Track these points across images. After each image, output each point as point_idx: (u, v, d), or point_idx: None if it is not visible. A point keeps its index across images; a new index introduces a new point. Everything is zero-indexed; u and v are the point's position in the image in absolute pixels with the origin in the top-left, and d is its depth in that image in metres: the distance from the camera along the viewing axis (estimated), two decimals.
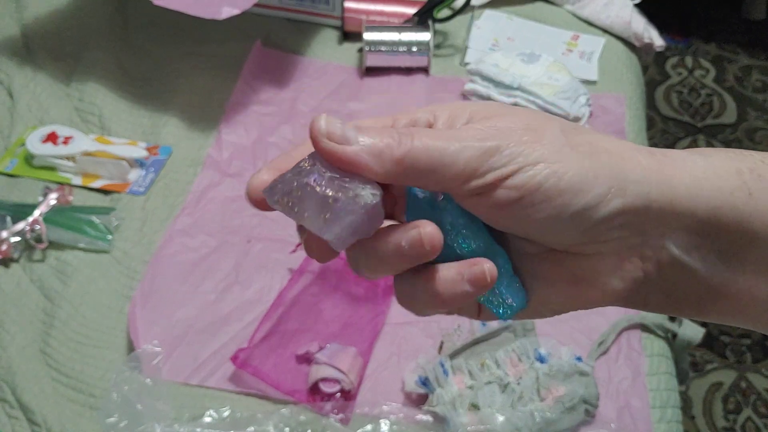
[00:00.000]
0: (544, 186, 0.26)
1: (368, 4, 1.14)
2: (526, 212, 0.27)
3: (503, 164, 0.27)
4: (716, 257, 0.28)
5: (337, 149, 0.26)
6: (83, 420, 0.70)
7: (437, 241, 0.27)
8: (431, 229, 0.27)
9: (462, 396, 0.68)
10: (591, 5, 1.22)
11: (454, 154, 0.26)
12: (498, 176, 0.27)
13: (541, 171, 0.27)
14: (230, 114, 1.01)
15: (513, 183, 0.27)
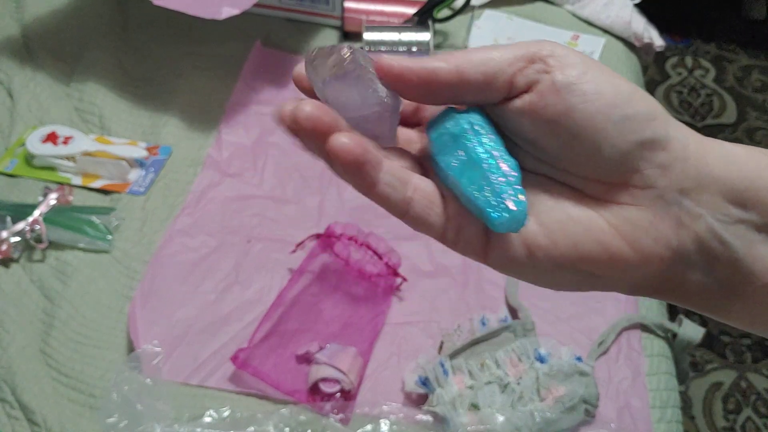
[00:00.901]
0: (598, 79, 0.27)
1: (368, 4, 1.14)
2: (574, 103, 0.26)
3: (549, 55, 0.27)
4: (756, 236, 0.27)
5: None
6: (83, 420, 0.70)
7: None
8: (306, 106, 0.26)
9: (462, 396, 0.68)
10: (591, 5, 1.22)
11: (500, 57, 0.27)
12: (545, 67, 0.27)
13: (594, 67, 0.27)
14: (230, 114, 1.01)
15: (563, 75, 0.27)
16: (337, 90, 0.28)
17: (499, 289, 0.81)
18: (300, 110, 0.26)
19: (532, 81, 0.27)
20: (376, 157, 0.27)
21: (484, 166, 0.28)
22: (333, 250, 0.81)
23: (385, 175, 0.27)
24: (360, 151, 0.26)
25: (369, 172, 0.27)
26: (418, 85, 0.28)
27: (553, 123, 0.27)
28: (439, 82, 0.28)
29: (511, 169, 0.28)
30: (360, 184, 0.27)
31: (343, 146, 0.26)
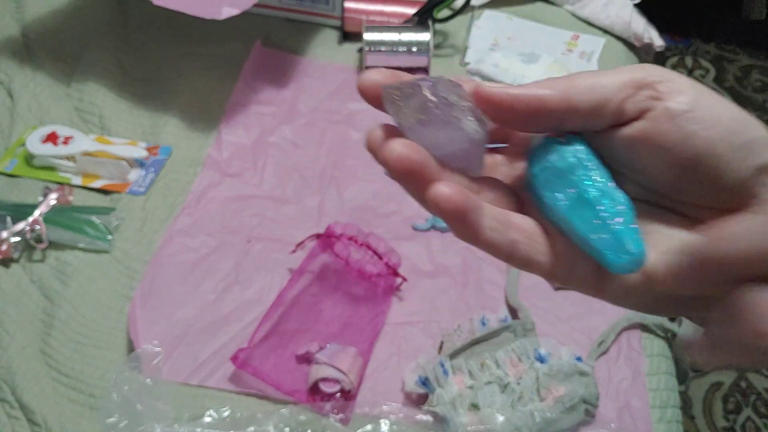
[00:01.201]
0: (714, 106, 0.27)
1: (368, 4, 1.14)
2: (693, 130, 0.26)
3: (659, 81, 0.27)
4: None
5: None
6: (83, 420, 0.70)
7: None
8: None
9: (462, 396, 0.68)
10: (591, 5, 1.22)
11: (608, 83, 0.27)
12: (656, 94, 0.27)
13: (706, 93, 0.27)
14: (230, 114, 1.01)
15: (676, 102, 0.26)
16: (423, 134, 0.28)
17: (499, 289, 0.81)
18: (390, 151, 0.26)
19: (644, 108, 0.27)
20: (477, 203, 0.27)
21: (596, 205, 0.27)
22: (333, 250, 0.81)
23: (487, 220, 0.27)
24: (461, 199, 0.26)
25: (472, 219, 0.26)
26: (525, 114, 0.28)
27: (668, 151, 0.27)
28: (546, 110, 0.28)
29: (624, 206, 0.27)
30: (463, 232, 0.27)
31: (444, 196, 0.26)
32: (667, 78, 0.27)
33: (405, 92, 0.28)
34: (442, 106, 0.27)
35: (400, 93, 0.28)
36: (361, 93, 0.29)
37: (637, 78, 0.27)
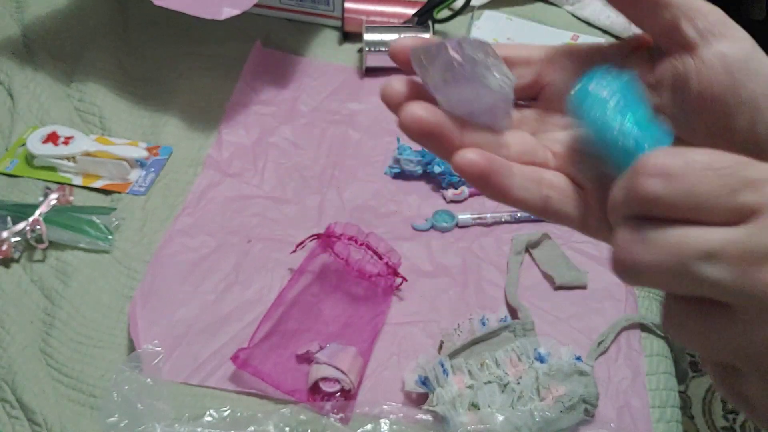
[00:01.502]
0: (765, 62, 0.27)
1: (368, 5, 1.14)
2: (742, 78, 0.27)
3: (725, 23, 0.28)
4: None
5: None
6: (84, 420, 0.70)
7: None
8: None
9: (462, 395, 0.68)
10: (591, 5, 1.22)
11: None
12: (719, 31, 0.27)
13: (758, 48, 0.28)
14: (230, 114, 1.01)
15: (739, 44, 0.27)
16: (450, 93, 0.28)
17: (499, 289, 0.81)
18: (410, 114, 0.27)
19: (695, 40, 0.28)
20: (503, 165, 0.27)
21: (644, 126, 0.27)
22: (333, 250, 0.81)
23: (517, 180, 0.28)
24: (486, 164, 0.26)
25: (500, 181, 0.27)
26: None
27: (715, 94, 0.27)
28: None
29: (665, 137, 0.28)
30: (493, 194, 0.27)
31: (468, 162, 0.26)
32: (729, 23, 0.28)
33: (431, 53, 0.29)
34: (467, 64, 0.28)
35: (427, 54, 0.29)
36: (392, 56, 0.30)
37: (704, 7, 0.28)
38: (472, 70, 0.28)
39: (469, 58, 0.28)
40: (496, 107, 0.29)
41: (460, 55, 0.28)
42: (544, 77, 0.32)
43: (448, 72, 0.28)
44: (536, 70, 0.32)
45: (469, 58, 0.28)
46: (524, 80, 0.32)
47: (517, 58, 0.32)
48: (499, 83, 0.28)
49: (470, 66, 0.28)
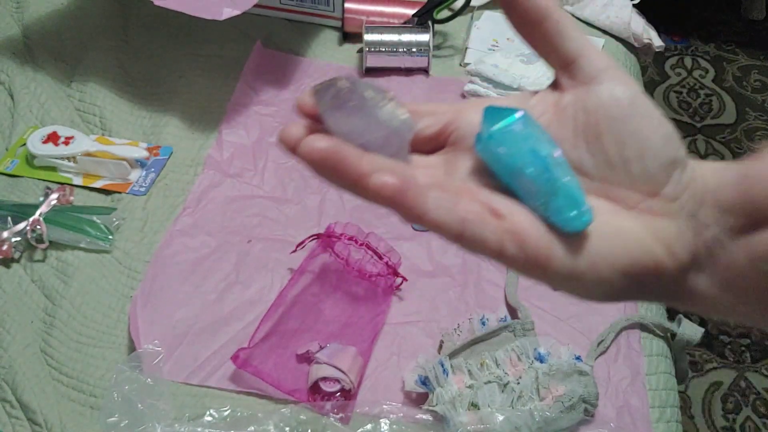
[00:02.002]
0: (649, 102, 0.30)
1: (368, 5, 1.14)
2: (630, 113, 0.30)
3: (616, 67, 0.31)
4: (736, 234, 0.30)
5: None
6: (84, 420, 0.70)
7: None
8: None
9: (462, 395, 0.68)
10: (590, 6, 1.22)
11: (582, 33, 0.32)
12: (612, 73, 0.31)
13: (637, 86, 0.31)
14: (231, 114, 1.01)
15: (628, 85, 0.30)
16: (339, 122, 0.28)
17: (499, 289, 0.81)
18: (308, 146, 0.27)
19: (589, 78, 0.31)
20: (418, 184, 0.27)
21: (546, 168, 0.28)
22: (333, 250, 0.81)
23: (432, 200, 0.27)
24: (401, 184, 0.26)
25: (415, 200, 0.27)
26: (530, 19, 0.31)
27: (608, 127, 0.30)
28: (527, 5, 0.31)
29: (569, 171, 0.29)
30: (409, 215, 0.27)
31: (382, 182, 0.26)
32: (618, 67, 0.31)
33: (324, 85, 0.29)
34: (356, 97, 0.28)
35: (321, 87, 0.29)
36: (298, 111, 0.30)
37: (599, 51, 0.31)
38: (361, 102, 0.28)
39: (360, 93, 0.28)
40: (389, 142, 0.28)
41: (351, 88, 0.28)
42: (450, 126, 0.33)
43: (337, 100, 0.28)
44: (443, 120, 0.33)
45: (359, 93, 0.28)
46: (431, 129, 0.33)
47: (423, 110, 0.33)
48: (388, 116, 0.28)
49: (359, 99, 0.28)
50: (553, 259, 0.28)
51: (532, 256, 0.28)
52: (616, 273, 0.29)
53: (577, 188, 0.28)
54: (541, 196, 0.28)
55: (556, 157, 0.29)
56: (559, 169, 0.29)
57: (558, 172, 0.28)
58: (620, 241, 0.29)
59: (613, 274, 0.29)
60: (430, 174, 0.31)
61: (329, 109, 0.28)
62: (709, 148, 1.96)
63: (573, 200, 0.28)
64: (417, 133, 0.32)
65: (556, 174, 0.28)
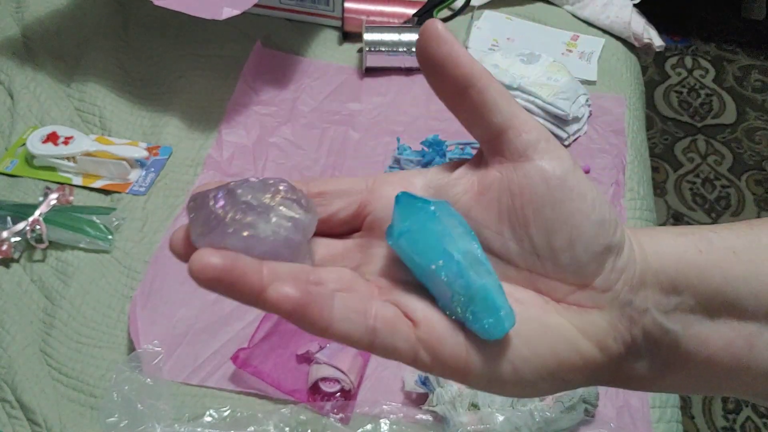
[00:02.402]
0: (583, 181, 0.27)
1: (368, 5, 1.14)
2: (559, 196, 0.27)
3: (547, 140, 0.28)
4: (691, 317, 0.29)
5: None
6: (84, 420, 0.70)
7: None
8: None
9: (462, 395, 0.68)
10: (591, 5, 1.22)
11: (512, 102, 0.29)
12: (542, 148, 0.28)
13: (577, 168, 0.28)
14: (230, 114, 1.01)
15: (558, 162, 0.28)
16: (217, 245, 0.25)
17: None
18: (197, 263, 0.24)
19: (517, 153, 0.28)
20: (322, 295, 0.25)
21: (464, 268, 0.26)
22: None
23: (339, 311, 0.25)
24: (300, 296, 0.24)
25: (319, 313, 0.24)
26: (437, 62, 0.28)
27: (534, 212, 0.27)
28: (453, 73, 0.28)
29: (490, 270, 0.27)
30: (312, 329, 0.24)
31: (282, 295, 0.24)
32: (552, 141, 0.28)
33: (197, 202, 0.26)
34: (231, 216, 0.25)
35: (194, 203, 0.26)
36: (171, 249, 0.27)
37: (530, 122, 0.28)
38: (238, 220, 0.25)
39: (240, 204, 0.26)
40: (280, 253, 0.26)
41: (225, 204, 0.26)
42: (366, 207, 0.30)
43: (207, 225, 0.25)
44: (357, 201, 0.30)
45: (239, 204, 0.26)
46: (345, 213, 0.30)
47: (335, 191, 0.30)
48: (273, 229, 0.25)
49: (233, 218, 0.25)
50: (471, 367, 0.27)
51: (448, 366, 0.27)
52: (541, 376, 0.27)
53: (494, 291, 0.26)
54: (456, 302, 0.26)
55: (473, 253, 0.27)
56: (475, 270, 0.26)
57: (473, 275, 0.26)
58: (545, 341, 0.27)
59: (537, 378, 0.27)
60: (336, 275, 0.27)
61: (201, 236, 0.25)
62: (709, 148, 1.96)
63: (490, 306, 0.26)
64: (331, 217, 0.30)
65: (471, 278, 0.26)
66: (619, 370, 0.29)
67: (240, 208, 0.26)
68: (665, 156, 1.93)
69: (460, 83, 0.28)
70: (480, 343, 0.26)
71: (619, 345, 0.28)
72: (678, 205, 1.82)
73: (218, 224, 0.25)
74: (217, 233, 0.25)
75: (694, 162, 1.92)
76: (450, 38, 0.27)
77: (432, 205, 0.27)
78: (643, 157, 1.03)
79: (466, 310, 0.26)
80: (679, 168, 1.90)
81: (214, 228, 0.25)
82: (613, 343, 0.28)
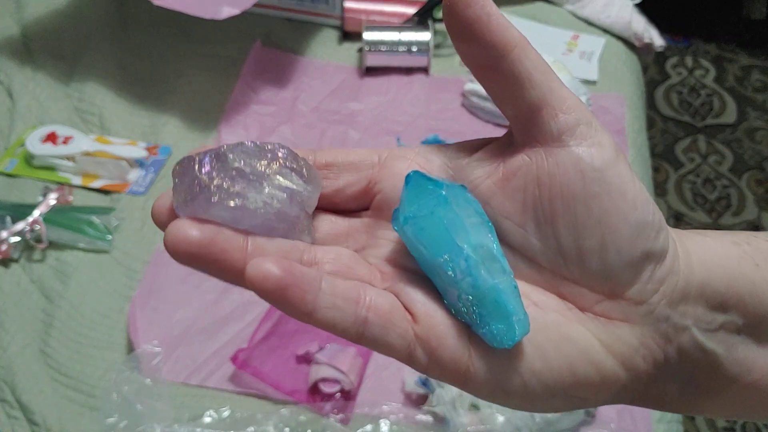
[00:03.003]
0: (625, 175, 0.24)
1: (368, 4, 1.14)
2: (595, 191, 0.23)
3: (588, 124, 0.24)
4: (736, 338, 0.26)
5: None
6: (83, 420, 0.70)
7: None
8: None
9: (462, 396, 0.68)
10: (591, 5, 1.22)
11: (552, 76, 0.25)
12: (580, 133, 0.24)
13: (622, 158, 0.24)
14: (230, 114, 1.01)
15: (598, 150, 0.24)
16: (200, 215, 0.23)
17: None
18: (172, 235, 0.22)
19: (552, 136, 0.24)
20: (308, 276, 0.22)
21: (475, 266, 0.23)
22: None
23: (326, 297, 0.22)
24: (283, 275, 0.21)
25: (302, 297, 0.22)
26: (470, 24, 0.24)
27: (564, 205, 0.24)
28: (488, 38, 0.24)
29: (506, 270, 0.24)
30: (293, 312, 0.22)
31: (262, 273, 0.21)
32: (595, 125, 0.24)
33: (183, 166, 0.24)
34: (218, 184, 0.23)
35: (178, 170, 0.24)
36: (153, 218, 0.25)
37: (570, 100, 0.24)
38: (228, 186, 0.23)
39: (229, 171, 0.23)
40: (272, 227, 0.23)
41: (213, 168, 0.23)
42: (376, 184, 0.27)
43: (191, 192, 0.23)
44: (366, 177, 0.27)
45: (228, 171, 0.23)
46: (353, 188, 0.27)
47: (344, 163, 0.27)
48: (264, 200, 0.23)
49: (228, 181, 0.23)
50: (473, 375, 0.24)
51: (447, 369, 0.24)
52: (553, 393, 0.24)
53: (507, 293, 0.23)
54: (463, 301, 0.23)
55: (487, 247, 0.24)
56: (487, 267, 0.23)
57: (483, 273, 0.23)
58: (562, 354, 0.24)
59: (548, 395, 0.24)
60: (334, 255, 0.25)
61: (183, 205, 0.23)
62: (710, 147, 1.96)
63: (501, 310, 0.23)
64: (338, 192, 0.27)
65: (481, 277, 0.23)
66: (646, 391, 0.26)
67: (229, 175, 0.23)
68: (666, 156, 1.93)
69: (490, 52, 0.24)
70: (486, 349, 0.24)
71: (648, 365, 0.25)
72: (678, 205, 1.81)
73: (201, 192, 0.23)
74: (200, 202, 0.22)
75: (695, 162, 1.92)
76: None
77: (444, 189, 0.24)
78: (643, 157, 1.02)
79: (474, 311, 0.23)
80: (679, 168, 1.90)
81: (197, 196, 0.22)
82: (641, 362, 0.25)
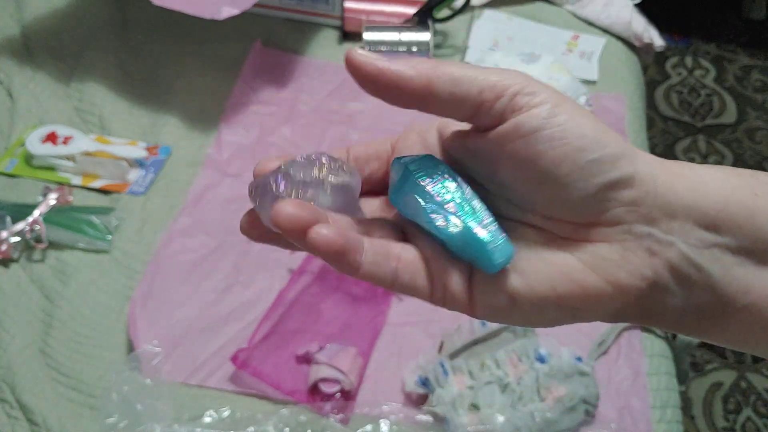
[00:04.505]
0: (564, 124, 0.26)
1: (368, 4, 1.14)
2: (540, 150, 0.26)
3: (518, 93, 0.27)
4: (732, 258, 0.28)
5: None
6: (83, 420, 0.70)
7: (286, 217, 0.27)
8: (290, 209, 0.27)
9: (462, 396, 0.68)
10: (591, 5, 1.22)
11: (470, 83, 0.27)
12: (512, 106, 0.27)
13: (561, 109, 0.27)
14: (230, 114, 1.01)
15: (532, 113, 0.27)
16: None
17: None
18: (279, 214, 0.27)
19: (499, 118, 0.27)
20: (355, 241, 0.27)
21: (446, 226, 0.28)
22: None
23: (368, 255, 0.28)
24: (340, 241, 0.26)
25: (352, 257, 0.27)
26: (389, 89, 0.28)
27: (519, 166, 0.27)
28: (409, 89, 0.28)
29: (482, 210, 0.28)
30: (344, 269, 0.27)
31: (326, 240, 0.26)
32: (528, 90, 0.27)
33: (259, 189, 0.30)
34: (298, 189, 0.29)
35: (256, 190, 0.30)
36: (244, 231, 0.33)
37: (500, 85, 0.27)
38: (302, 195, 0.29)
39: (298, 183, 0.29)
40: (338, 209, 0.30)
41: (287, 184, 0.29)
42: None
43: (264, 194, 0.29)
44: (386, 161, 0.33)
45: (297, 183, 0.29)
46: (378, 174, 0.33)
47: (366, 155, 0.33)
48: (331, 198, 0.29)
49: (301, 191, 0.29)
50: (475, 302, 0.28)
51: (457, 300, 0.29)
52: (540, 308, 0.28)
53: (480, 229, 0.28)
54: (453, 248, 0.29)
55: (454, 201, 0.28)
56: (458, 216, 0.28)
57: (451, 227, 0.28)
58: (542, 276, 0.28)
59: (537, 310, 0.28)
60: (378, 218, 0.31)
61: (260, 206, 0.30)
62: (710, 147, 1.96)
63: (476, 245, 0.28)
64: (367, 179, 0.32)
65: (452, 225, 0.28)
66: (643, 306, 0.28)
67: (299, 187, 0.29)
68: (666, 156, 1.91)
69: (404, 95, 0.28)
70: (481, 278, 0.28)
71: (635, 278, 0.27)
72: None
73: (268, 192, 0.29)
74: (268, 201, 0.29)
75: (695, 162, 1.92)
76: (371, 57, 0.27)
77: (411, 164, 0.29)
78: None
79: (463, 254, 0.28)
80: None
81: (267, 193, 0.29)
82: (626, 276, 0.27)
